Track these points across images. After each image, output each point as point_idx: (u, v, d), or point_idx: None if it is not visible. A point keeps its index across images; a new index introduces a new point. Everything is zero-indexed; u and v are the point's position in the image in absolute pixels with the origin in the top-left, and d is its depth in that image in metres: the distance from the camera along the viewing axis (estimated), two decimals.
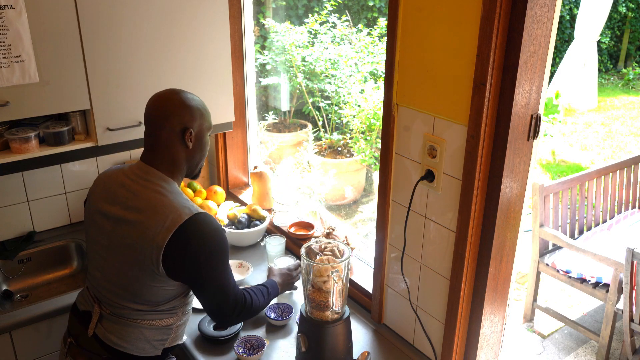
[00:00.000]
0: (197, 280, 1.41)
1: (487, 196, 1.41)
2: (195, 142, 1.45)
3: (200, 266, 1.38)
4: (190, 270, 1.38)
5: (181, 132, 1.41)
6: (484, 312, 1.51)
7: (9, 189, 2.18)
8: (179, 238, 1.34)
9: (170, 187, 1.42)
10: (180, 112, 1.41)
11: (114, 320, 1.45)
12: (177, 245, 1.34)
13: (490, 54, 1.26)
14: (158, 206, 1.37)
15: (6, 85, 1.74)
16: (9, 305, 2.05)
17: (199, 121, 1.44)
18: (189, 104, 1.43)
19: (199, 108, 1.45)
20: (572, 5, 7.89)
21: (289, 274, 1.85)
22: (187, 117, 1.42)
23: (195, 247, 1.36)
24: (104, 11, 1.86)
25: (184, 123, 1.41)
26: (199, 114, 1.44)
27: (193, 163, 1.49)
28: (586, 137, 6.51)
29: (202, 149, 1.49)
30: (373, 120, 4.11)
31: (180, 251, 1.35)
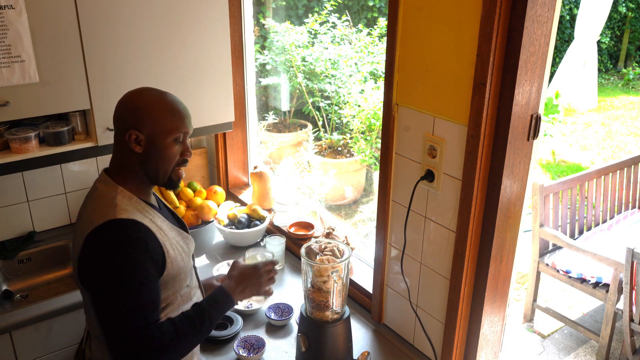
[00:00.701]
0: (95, 297, 1.22)
1: (487, 196, 1.41)
2: (147, 146, 1.28)
3: (97, 282, 1.21)
4: (93, 285, 1.23)
5: (126, 135, 1.28)
6: (484, 312, 1.51)
7: (9, 189, 2.18)
8: (88, 248, 1.22)
9: (105, 190, 1.30)
10: (126, 113, 1.29)
11: (94, 338, 1.37)
12: (86, 256, 1.23)
13: (490, 54, 1.26)
14: (83, 214, 1.29)
15: (6, 85, 1.74)
16: (9, 305, 2.05)
17: (151, 121, 1.27)
18: (138, 105, 1.28)
19: (154, 105, 1.28)
20: (572, 5, 7.89)
21: (252, 274, 1.46)
22: (132, 116, 1.28)
23: (95, 261, 1.22)
24: (104, 11, 1.86)
25: (129, 125, 1.27)
26: (151, 113, 1.27)
27: (150, 169, 1.32)
28: (586, 137, 6.51)
29: (159, 155, 1.30)
30: (373, 120, 4.10)
31: (86, 264, 1.24)
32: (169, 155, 1.31)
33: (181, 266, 1.35)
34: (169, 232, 1.34)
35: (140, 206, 1.31)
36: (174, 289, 1.35)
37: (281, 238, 2.14)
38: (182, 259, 1.36)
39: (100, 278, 1.21)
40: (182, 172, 1.38)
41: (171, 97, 1.32)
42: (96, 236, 1.21)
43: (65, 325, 1.89)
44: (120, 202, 1.27)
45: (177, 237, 1.37)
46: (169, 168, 1.33)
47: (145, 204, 1.33)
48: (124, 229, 1.23)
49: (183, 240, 1.40)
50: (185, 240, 1.41)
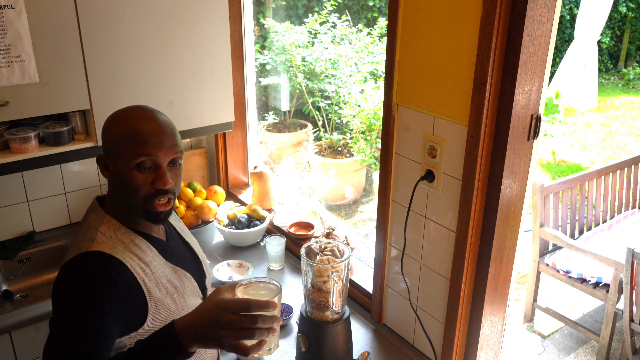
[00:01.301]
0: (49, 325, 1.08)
1: (487, 196, 1.41)
2: (112, 175, 1.17)
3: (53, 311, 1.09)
4: None
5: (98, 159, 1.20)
6: (484, 312, 1.51)
7: (9, 189, 2.18)
8: (55, 281, 1.12)
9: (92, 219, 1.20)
10: (104, 132, 1.19)
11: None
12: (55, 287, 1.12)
13: (490, 54, 1.26)
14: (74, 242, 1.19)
15: (6, 85, 1.74)
16: (9, 305, 2.05)
17: (110, 146, 1.16)
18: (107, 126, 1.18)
19: (116, 129, 1.15)
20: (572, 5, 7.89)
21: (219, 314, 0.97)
22: (105, 139, 1.18)
23: (55, 292, 1.10)
24: (104, 11, 1.86)
25: (103, 146, 1.19)
26: (112, 136, 1.15)
27: (121, 200, 1.19)
28: (586, 137, 6.51)
29: (122, 184, 1.15)
30: (373, 120, 4.11)
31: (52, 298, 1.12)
32: (132, 184, 1.14)
33: (172, 309, 1.20)
34: (158, 270, 1.20)
35: (127, 238, 1.18)
36: None
37: (281, 238, 2.14)
38: (174, 301, 1.21)
39: (58, 306, 1.08)
40: (162, 205, 1.17)
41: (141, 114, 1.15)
42: (64, 269, 1.12)
43: None
44: (101, 235, 1.15)
45: (170, 275, 1.23)
46: (136, 200, 1.15)
47: (135, 236, 1.20)
48: (91, 262, 1.10)
49: (178, 278, 1.24)
50: (180, 279, 1.25)
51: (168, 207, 1.19)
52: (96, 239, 1.14)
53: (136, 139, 1.12)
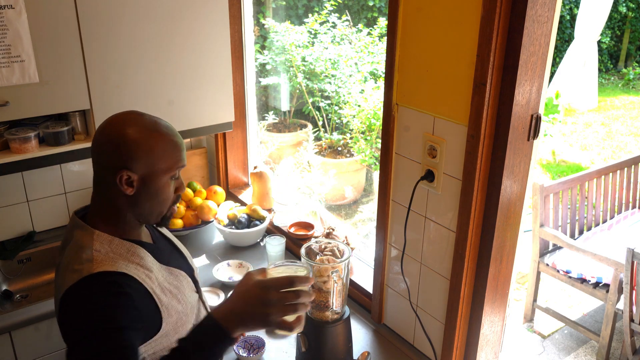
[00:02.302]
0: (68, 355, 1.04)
1: (487, 196, 1.41)
2: (140, 187, 1.12)
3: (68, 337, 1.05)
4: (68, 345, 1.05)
5: (113, 174, 1.10)
6: (484, 312, 1.51)
7: (9, 189, 2.18)
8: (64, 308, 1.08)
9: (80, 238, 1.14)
10: (115, 149, 1.09)
11: None
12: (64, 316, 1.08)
13: (490, 54, 1.26)
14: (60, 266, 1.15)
15: (6, 85, 1.74)
16: (9, 305, 2.05)
17: (146, 160, 1.10)
18: (130, 139, 1.09)
19: (148, 143, 1.10)
20: (572, 5, 7.89)
21: (261, 294, 1.00)
22: (124, 156, 1.09)
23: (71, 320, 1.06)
24: (104, 11, 1.86)
25: (120, 164, 1.09)
26: (147, 151, 1.10)
27: (142, 212, 1.16)
28: (586, 137, 6.51)
29: (154, 195, 1.13)
30: (373, 120, 4.11)
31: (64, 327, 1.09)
32: (165, 195, 1.16)
33: (179, 310, 1.20)
34: (159, 274, 1.19)
35: (123, 249, 1.15)
36: (178, 335, 1.16)
37: (281, 238, 2.14)
38: (179, 302, 1.21)
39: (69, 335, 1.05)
40: (176, 208, 1.22)
41: (165, 125, 1.15)
42: (70, 296, 1.06)
43: None
44: (97, 254, 1.10)
45: (168, 277, 1.22)
46: (164, 209, 1.18)
47: (130, 244, 1.17)
48: (101, 282, 1.06)
49: (175, 278, 1.24)
50: (177, 278, 1.25)
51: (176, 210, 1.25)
52: (94, 258, 1.09)
53: (175, 149, 1.14)
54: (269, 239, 2.11)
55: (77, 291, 1.06)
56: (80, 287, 1.06)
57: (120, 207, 1.15)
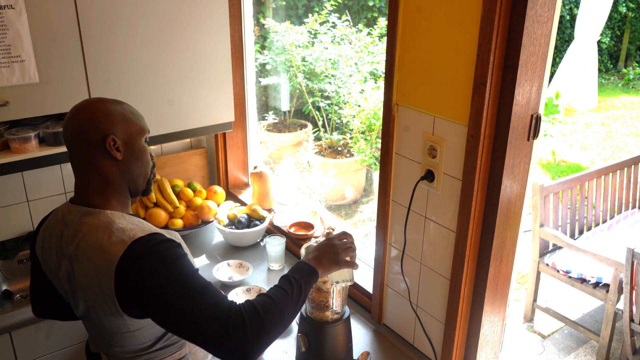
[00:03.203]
0: (169, 319, 1.13)
1: (487, 196, 1.41)
2: (125, 150, 1.22)
3: (159, 303, 1.12)
4: (154, 311, 1.14)
5: (102, 143, 1.19)
6: (484, 312, 1.51)
7: (9, 189, 2.18)
8: (122, 282, 1.13)
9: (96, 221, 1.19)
10: (94, 120, 1.20)
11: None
12: (125, 286, 1.13)
13: (490, 54, 1.26)
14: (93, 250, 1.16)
15: (6, 85, 1.74)
16: (9, 305, 2.05)
17: (123, 125, 1.22)
18: (103, 109, 1.22)
19: (118, 111, 1.23)
20: (572, 5, 7.89)
21: (326, 243, 1.40)
22: (102, 124, 1.19)
23: (143, 285, 1.12)
24: (104, 11, 1.86)
25: (102, 131, 1.19)
26: (119, 117, 1.22)
27: (131, 177, 1.25)
28: (586, 137, 6.51)
29: (138, 157, 1.25)
30: (373, 120, 4.11)
31: (131, 292, 1.14)
32: (146, 157, 1.28)
33: (194, 261, 1.33)
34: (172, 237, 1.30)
35: (136, 221, 1.23)
36: None
37: (281, 238, 2.14)
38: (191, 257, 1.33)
39: (159, 299, 1.11)
40: (155, 173, 1.35)
41: (124, 102, 1.30)
42: (128, 264, 1.12)
43: (65, 325, 1.89)
44: (122, 224, 1.18)
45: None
46: (148, 171, 1.30)
47: (137, 219, 1.25)
48: (153, 244, 1.14)
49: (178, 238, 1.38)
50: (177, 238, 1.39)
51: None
52: (124, 229, 1.16)
53: (138, 117, 1.28)
54: (269, 239, 2.11)
55: (137, 256, 1.12)
56: (137, 251, 1.12)
57: (114, 178, 1.23)
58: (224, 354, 1.11)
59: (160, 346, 1.27)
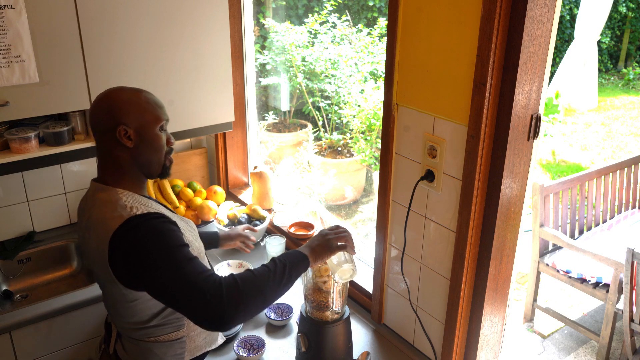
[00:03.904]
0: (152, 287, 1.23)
1: (487, 196, 1.41)
2: (137, 139, 1.31)
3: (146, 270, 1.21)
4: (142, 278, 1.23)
5: (113, 132, 1.29)
6: (484, 312, 1.51)
7: (9, 189, 2.18)
8: (116, 251, 1.23)
9: (106, 196, 1.30)
10: (106, 111, 1.30)
11: (126, 338, 1.41)
12: (119, 258, 1.24)
13: (490, 54, 1.26)
14: (97, 222, 1.28)
15: (6, 85, 1.74)
16: (9, 305, 2.05)
17: (135, 115, 1.30)
18: (117, 99, 1.30)
19: (135, 101, 1.31)
20: (572, 5, 7.89)
21: (319, 234, 1.46)
22: (116, 114, 1.29)
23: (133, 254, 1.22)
24: (104, 11, 1.86)
25: (113, 120, 1.29)
26: (133, 107, 1.30)
27: (144, 163, 1.35)
28: (586, 137, 6.51)
29: (150, 145, 1.33)
30: (373, 120, 4.11)
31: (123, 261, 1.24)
32: (158, 144, 1.35)
33: (197, 246, 1.41)
34: (176, 219, 1.37)
35: (144, 200, 1.33)
36: None
37: (281, 238, 2.14)
38: (196, 240, 1.42)
39: (146, 266, 1.20)
40: (172, 159, 1.42)
41: (145, 91, 1.37)
42: (121, 236, 1.22)
43: (65, 325, 1.89)
44: (127, 202, 1.28)
45: (182, 224, 1.39)
46: (161, 157, 1.37)
47: (147, 199, 1.36)
48: (147, 222, 1.24)
49: (188, 225, 1.46)
50: (189, 225, 1.48)
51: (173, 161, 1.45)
52: (127, 206, 1.26)
53: (155, 106, 1.34)
54: (269, 239, 2.11)
55: (130, 228, 1.22)
56: (131, 224, 1.22)
57: (126, 163, 1.33)
58: (201, 319, 1.18)
59: (157, 323, 1.35)
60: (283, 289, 1.29)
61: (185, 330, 1.41)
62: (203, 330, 1.45)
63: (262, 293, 1.23)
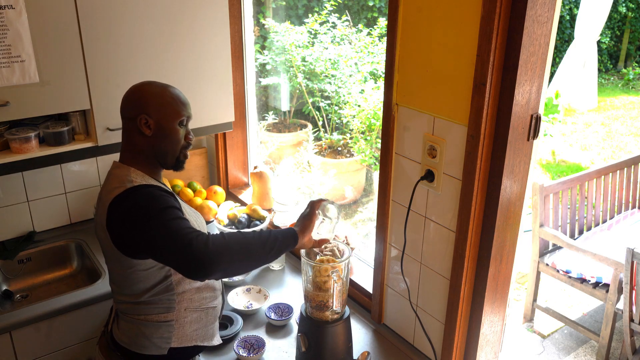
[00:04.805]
0: (143, 242, 1.30)
1: (487, 196, 1.41)
2: (156, 129, 1.40)
3: (138, 228, 1.30)
4: (134, 237, 1.31)
5: (135, 119, 1.40)
6: (484, 312, 1.51)
7: (9, 189, 2.18)
8: (114, 214, 1.33)
9: (119, 172, 1.41)
10: (133, 100, 1.41)
11: (120, 316, 1.49)
12: (115, 221, 1.34)
13: (490, 54, 1.26)
14: (104, 192, 1.39)
15: (6, 85, 1.74)
16: (9, 305, 2.05)
17: (159, 108, 1.40)
18: (145, 91, 1.42)
19: (160, 95, 1.41)
20: (572, 5, 7.89)
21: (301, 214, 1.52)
22: (141, 104, 1.40)
23: (126, 215, 1.32)
24: (104, 11, 1.86)
25: (137, 110, 1.39)
26: (158, 101, 1.40)
27: (159, 152, 1.44)
28: (586, 137, 6.51)
29: (167, 137, 1.42)
30: (373, 120, 4.11)
31: (119, 226, 1.33)
32: (176, 138, 1.44)
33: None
34: (184, 206, 1.45)
35: (153, 181, 1.41)
36: None
37: None
38: (199, 227, 1.47)
39: (138, 225, 1.29)
40: (188, 154, 1.50)
41: (173, 87, 1.46)
42: (119, 202, 1.32)
43: (65, 325, 1.89)
44: (134, 177, 1.38)
45: (191, 213, 1.49)
46: (176, 150, 1.45)
47: (156, 181, 1.44)
48: (144, 189, 1.34)
49: (197, 215, 1.54)
50: (198, 217, 1.54)
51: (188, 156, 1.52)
52: (133, 180, 1.37)
53: (179, 102, 1.43)
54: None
55: (127, 195, 1.32)
56: (129, 193, 1.33)
57: (143, 148, 1.42)
58: (184, 265, 1.24)
59: (148, 299, 1.42)
60: (268, 254, 1.34)
61: (175, 313, 1.45)
62: (193, 320, 1.48)
63: (247, 250, 1.30)
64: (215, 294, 1.54)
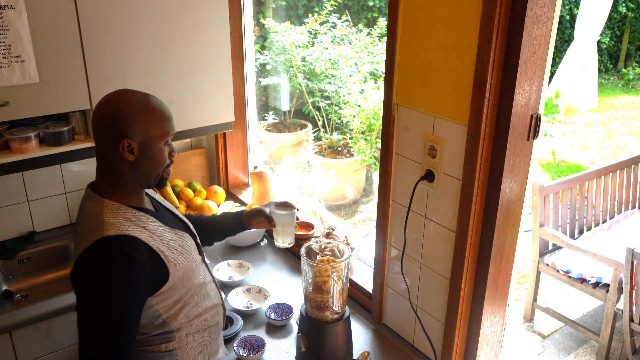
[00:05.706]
0: (78, 316, 1.23)
1: (487, 196, 1.41)
2: (139, 152, 1.26)
3: (80, 302, 1.22)
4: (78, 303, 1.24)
5: (116, 143, 1.24)
6: (484, 312, 1.51)
7: (9, 189, 2.18)
8: (77, 270, 1.23)
9: (91, 206, 1.28)
10: (113, 119, 1.24)
11: None
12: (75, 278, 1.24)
13: (490, 54, 1.26)
14: (77, 234, 1.29)
15: (6, 85, 1.74)
16: (9, 305, 2.05)
17: (143, 129, 1.25)
18: (125, 108, 1.24)
19: (143, 111, 1.25)
20: (572, 5, 7.89)
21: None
22: (123, 125, 1.23)
23: (82, 281, 1.22)
24: (104, 11, 1.86)
25: (119, 132, 1.23)
26: (142, 120, 1.25)
27: (142, 175, 1.30)
28: (586, 137, 6.51)
29: (152, 159, 1.29)
30: (373, 120, 4.11)
31: (75, 284, 1.24)
32: (160, 159, 1.31)
33: (185, 265, 1.35)
34: (164, 235, 1.32)
35: (129, 215, 1.28)
36: (185, 288, 1.36)
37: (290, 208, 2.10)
38: (185, 258, 1.35)
39: (85, 297, 1.21)
40: (170, 170, 1.39)
41: (155, 100, 1.31)
42: (85, 257, 1.21)
43: (65, 325, 1.89)
44: (106, 217, 1.24)
45: (174, 238, 1.35)
46: (160, 170, 1.33)
47: (135, 211, 1.30)
48: (110, 246, 1.20)
49: (180, 239, 1.38)
50: (182, 239, 1.39)
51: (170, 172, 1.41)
52: (104, 222, 1.23)
53: (164, 119, 1.30)
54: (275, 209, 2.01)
55: (90, 255, 1.20)
56: (93, 251, 1.20)
57: (123, 173, 1.29)
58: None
59: (141, 339, 1.33)
60: None
61: (176, 342, 1.37)
62: (197, 343, 1.42)
63: None
64: (216, 310, 1.48)
